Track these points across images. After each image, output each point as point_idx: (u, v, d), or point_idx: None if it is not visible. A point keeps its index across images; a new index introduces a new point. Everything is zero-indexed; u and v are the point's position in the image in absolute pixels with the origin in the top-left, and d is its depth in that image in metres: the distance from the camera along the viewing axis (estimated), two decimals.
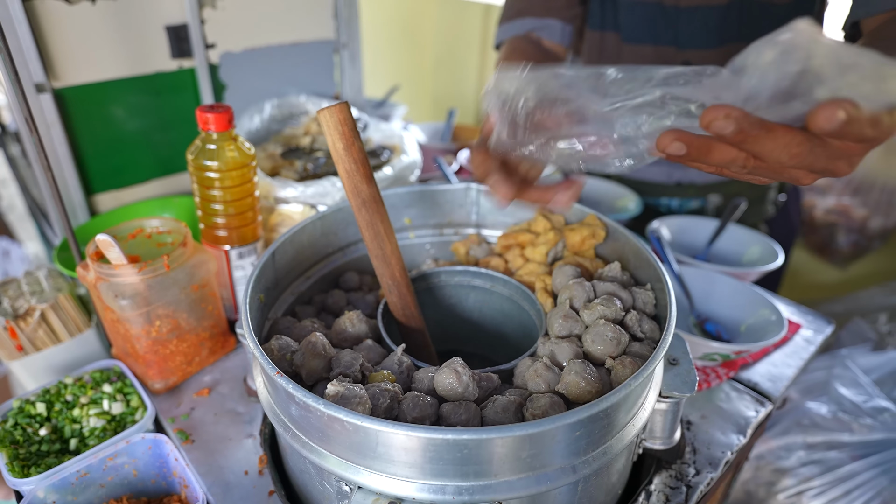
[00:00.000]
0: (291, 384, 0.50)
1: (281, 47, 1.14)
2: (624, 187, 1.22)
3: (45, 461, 0.69)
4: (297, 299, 0.77)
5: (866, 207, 1.50)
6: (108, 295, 0.71)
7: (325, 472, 0.55)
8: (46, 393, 0.75)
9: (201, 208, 0.80)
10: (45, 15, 0.87)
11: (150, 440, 0.68)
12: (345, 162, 0.62)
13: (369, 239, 0.66)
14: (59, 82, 0.91)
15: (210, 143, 0.76)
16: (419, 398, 0.55)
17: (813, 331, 0.96)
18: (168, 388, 0.80)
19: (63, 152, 0.94)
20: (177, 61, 1.02)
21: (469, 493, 0.49)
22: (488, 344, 0.84)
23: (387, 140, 1.12)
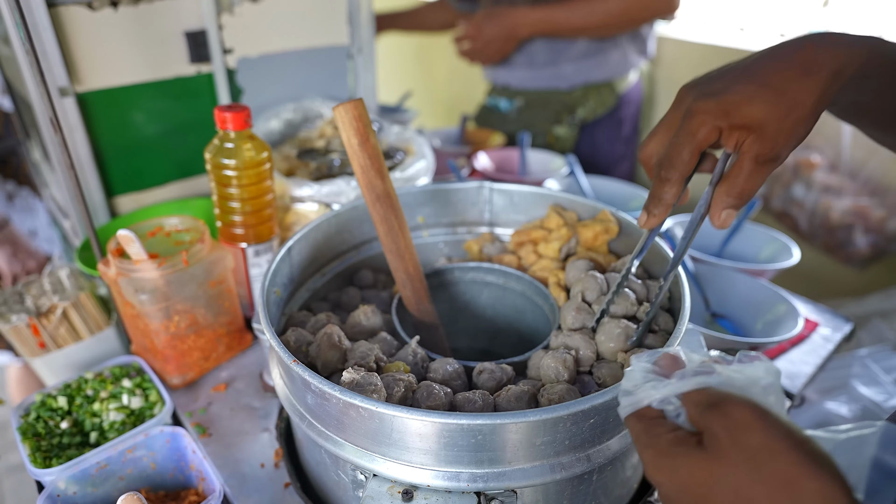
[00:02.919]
0: (308, 372, 0.50)
1: (296, 52, 1.16)
2: (637, 187, 1.22)
3: (66, 453, 0.70)
4: (312, 296, 0.78)
5: (884, 208, 1.48)
6: (128, 290, 0.72)
7: (340, 461, 0.55)
8: (67, 387, 0.77)
9: (219, 206, 0.82)
10: (69, 21, 0.89)
11: (168, 433, 0.69)
12: (359, 157, 0.63)
13: (383, 234, 0.67)
14: (81, 86, 0.94)
15: (227, 141, 0.77)
16: (433, 387, 0.55)
17: (831, 329, 0.95)
18: (186, 383, 0.81)
19: (85, 155, 0.96)
20: (195, 66, 1.04)
21: (484, 481, 0.49)
22: (502, 340, 0.84)
23: (400, 142, 1.13)
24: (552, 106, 1.59)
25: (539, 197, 0.83)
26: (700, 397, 0.39)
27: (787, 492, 0.33)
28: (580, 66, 1.54)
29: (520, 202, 0.84)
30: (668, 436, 0.40)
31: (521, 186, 0.83)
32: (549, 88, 1.59)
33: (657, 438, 0.40)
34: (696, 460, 0.37)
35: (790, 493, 0.33)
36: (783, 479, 0.33)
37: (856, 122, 0.62)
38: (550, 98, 1.60)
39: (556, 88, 1.59)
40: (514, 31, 1.49)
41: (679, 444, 0.39)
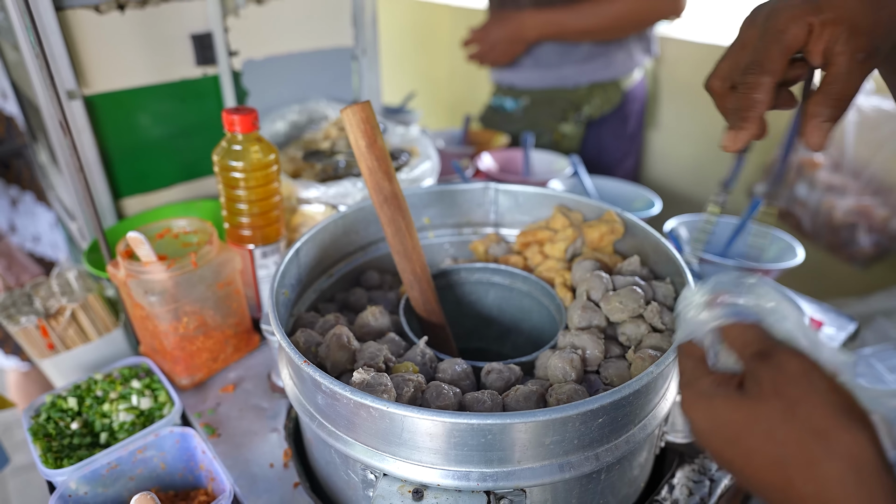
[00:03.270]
0: (319, 372, 0.51)
1: (301, 54, 1.16)
2: (641, 188, 1.23)
3: (76, 453, 0.71)
4: (319, 297, 0.78)
5: (888, 208, 1.48)
6: (137, 291, 0.73)
7: (350, 461, 0.56)
8: (77, 388, 0.77)
9: (227, 208, 0.82)
10: (76, 24, 0.90)
11: (178, 434, 0.70)
12: (367, 159, 0.63)
13: (391, 235, 0.67)
14: (89, 89, 0.94)
15: (235, 143, 0.78)
16: (442, 388, 0.56)
17: (835, 328, 0.95)
18: (194, 384, 0.82)
19: (92, 157, 0.97)
20: (201, 68, 1.04)
21: (493, 480, 0.49)
22: (508, 340, 0.84)
23: (405, 144, 1.13)
24: (558, 104, 1.60)
25: (544, 198, 0.83)
26: (753, 340, 0.40)
27: (818, 440, 0.34)
28: (586, 67, 1.55)
29: (525, 203, 0.85)
30: (709, 377, 0.41)
31: (527, 187, 0.84)
32: (555, 87, 1.60)
33: (698, 379, 0.42)
34: (734, 402, 0.38)
35: (821, 442, 0.34)
36: (817, 428, 0.34)
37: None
38: (556, 96, 1.60)
39: (562, 87, 1.59)
40: (521, 34, 1.50)
41: (719, 385, 0.40)
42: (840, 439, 0.34)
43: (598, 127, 1.63)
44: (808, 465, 0.35)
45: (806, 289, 1.10)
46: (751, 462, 0.38)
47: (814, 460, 0.34)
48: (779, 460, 0.36)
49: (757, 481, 0.38)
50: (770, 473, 0.36)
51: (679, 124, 1.95)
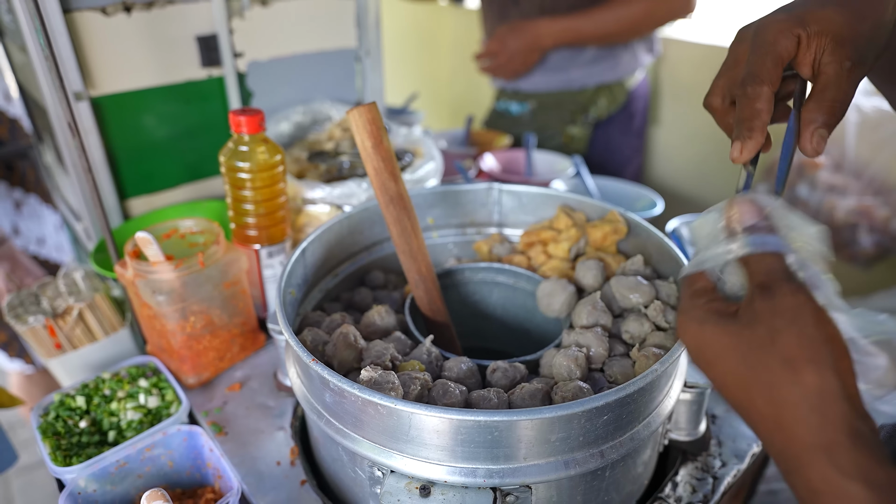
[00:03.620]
0: (326, 370, 0.52)
1: (305, 56, 1.17)
2: (644, 188, 1.23)
3: (85, 451, 0.72)
4: (324, 296, 0.79)
5: (889, 208, 1.49)
6: (145, 291, 0.73)
7: (357, 458, 0.56)
8: (85, 387, 0.78)
9: (233, 208, 0.83)
10: (83, 26, 0.90)
11: (185, 432, 0.71)
12: (373, 160, 0.64)
13: (396, 235, 0.68)
14: (95, 91, 0.95)
15: (242, 144, 0.79)
16: (448, 385, 0.56)
17: None
18: (201, 382, 0.83)
19: (99, 158, 0.97)
20: (206, 70, 1.05)
21: (499, 477, 0.50)
22: (512, 340, 0.85)
23: (408, 144, 1.14)
24: (566, 106, 1.60)
25: (548, 198, 0.84)
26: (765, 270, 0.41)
27: (785, 368, 0.36)
28: (593, 69, 1.55)
29: (528, 203, 0.85)
30: (706, 305, 0.43)
31: (530, 188, 0.84)
32: (562, 90, 1.60)
33: (695, 306, 0.44)
34: (722, 328, 0.41)
35: (787, 370, 0.36)
36: (788, 357, 0.37)
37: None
38: (563, 99, 1.60)
39: (568, 89, 1.60)
40: (538, 43, 1.49)
41: (713, 312, 0.42)
42: (807, 369, 0.36)
43: (605, 127, 1.63)
44: (770, 389, 0.37)
45: None
46: (725, 383, 0.41)
47: (776, 384, 0.37)
48: (747, 382, 0.38)
49: (728, 397, 0.41)
50: (738, 393, 0.39)
51: (681, 125, 1.95)
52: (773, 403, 0.37)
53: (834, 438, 0.34)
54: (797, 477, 0.36)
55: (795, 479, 0.36)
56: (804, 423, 0.35)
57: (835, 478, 0.34)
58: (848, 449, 0.34)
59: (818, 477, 0.34)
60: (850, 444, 0.34)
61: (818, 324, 0.37)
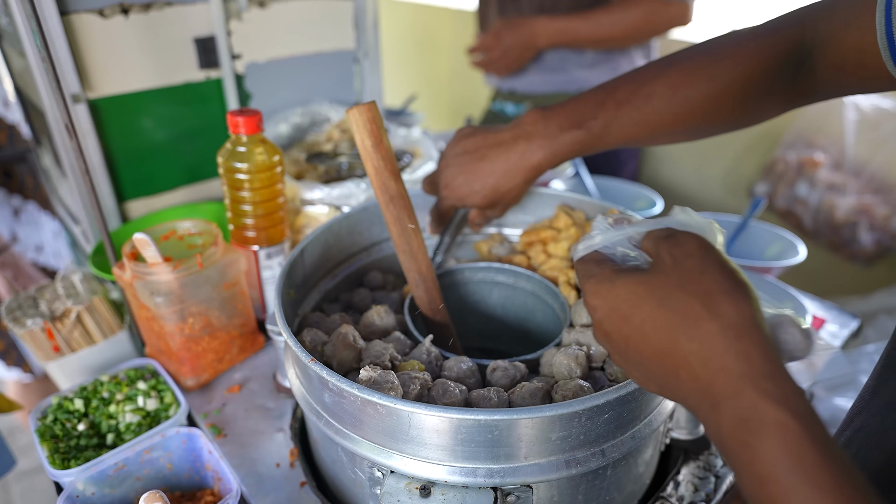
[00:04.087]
0: (326, 370, 0.51)
1: (303, 57, 1.17)
2: (643, 188, 1.23)
3: (83, 454, 0.71)
4: (323, 297, 0.79)
5: (888, 206, 1.49)
6: (143, 293, 0.73)
7: (357, 459, 0.56)
8: (84, 390, 0.78)
9: (231, 209, 0.83)
10: (80, 28, 0.90)
11: (184, 434, 0.70)
12: (373, 159, 0.64)
13: (396, 234, 0.67)
14: (93, 93, 0.95)
15: (240, 145, 0.79)
16: (448, 385, 0.56)
17: (838, 325, 0.96)
18: (200, 384, 0.82)
19: (97, 160, 0.97)
20: (204, 72, 1.05)
21: (500, 476, 0.50)
22: (512, 339, 0.85)
23: (407, 145, 1.14)
24: None
25: (547, 197, 0.83)
26: (659, 231, 0.43)
27: (704, 303, 0.38)
28: (591, 73, 1.54)
29: (528, 203, 0.85)
30: (611, 268, 0.45)
31: (529, 187, 0.84)
32: (557, 92, 1.59)
33: (601, 270, 0.45)
34: (635, 279, 0.42)
35: (707, 304, 0.38)
36: (705, 292, 0.38)
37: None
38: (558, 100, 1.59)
39: (564, 91, 1.58)
40: (533, 41, 1.47)
41: (621, 272, 0.44)
42: (724, 301, 0.37)
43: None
44: (694, 324, 0.38)
45: (808, 287, 1.11)
46: (645, 332, 0.40)
47: (699, 319, 0.37)
48: (668, 324, 0.39)
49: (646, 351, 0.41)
50: (660, 338, 0.39)
51: None
52: (697, 339, 0.37)
53: (760, 365, 0.35)
54: (725, 410, 0.36)
55: (722, 413, 0.36)
56: (731, 352, 0.36)
57: (763, 404, 0.34)
58: (774, 376, 0.35)
59: (747, 404, 0.34)
60: (774, 371, 0.35)
61: (724, 265, 0.39)
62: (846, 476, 0.31)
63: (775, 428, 0.33)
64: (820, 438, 0.32)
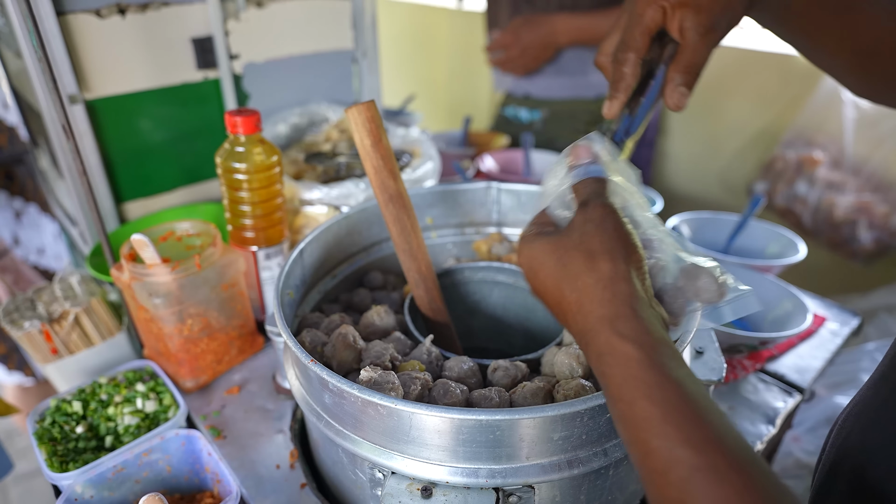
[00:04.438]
0: (326, 371, 0.51)
1: (301, 57, 1.17)
2: (643, 187, 1.23)
3: (82, 457, 0.71)
4: (323, 298, 0.78)
5: (888, 204, 1.49)
6: (142, 294, 0.73)
7: (358, 460, 0.55)
8: (82, 392, 0.77)
9: (230, 210, 0.83)
10: (77, 29, 0.90)
11: (183, 436, 0.70)
12: (372, 158, 0.63)
13: (396, 234, 0.67)
14: (90, 94, 0.94)
15: (238, 145, 0.78)
16: (449, 385, 0.56)
17: (839, 323, 0.95)
18: (199, 386, 0.82)
19: (94, 161, 0.97)
20: (202, 72, 1.05)
21: (502, 477, 0.49)
22: (513, 339, 0.84)
23: (406, 145, 1.14)
24: (579, 116, 1.53)
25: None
26: (584, 190, 0.50)
27: (586, 261, 0.45)
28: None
29: (527, 202, 0.85)
30: (538, 229, 0.51)
31: (529, 186, 0.84)
32: (575, 98, 1.53)
33: (530, 231, 0.52)
34: (546, 239, 0.49)
35: (588, 262, 0.45)
36: (590, 250, 0.45)
37: (793, 39, 0.66)
38: (576, 108, 1.54)
39: (582, 98, 1.53)
40: (553, 39, 1.42)
41: (542, 233, 0.50)
42: (602, 259, 0.44)
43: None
44: (576, 278, 0.45)
45: (808, 285, 1.10)
46: (546, 285, 0.48)
47: (580, 273, 0.45)
48: (560, 278, 0.46)
49: (549, 302, 0.48)
50: (554, 291, 0.47)
51: (679, 124, 1.95)
52: (576, 290, 0.45)
53: (618, 310, 0.42)
54: (590, 347, 0.43)
55: (589, 350, 0.43)
56: (597, 300, 0.43)
57: (614, 340, 0.41)
58: (627, 318, 0.42)
59: (603, 341, 0.42)
60: (629, 314, 0.42)
61: (617, 228, 0.46)
62: (678, 391, 0.38)
63: (622, 357, 0.40)
64: (659, 363, 0.39)
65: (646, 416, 0.38)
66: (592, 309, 0.43)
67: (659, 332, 0.42)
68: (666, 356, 0.40)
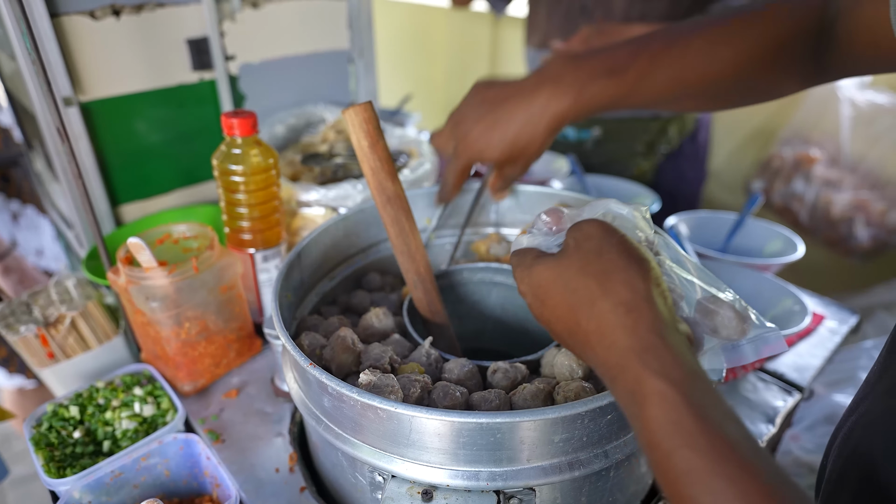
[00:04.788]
0: (325, 374, 0.51)
1: (298, 58, 1.16)
2: (640, 186, 1.23)
3: (79, 462, 0.70)
4: (321, 300, 0.78)
5: (885, 201, 1.49)
6: (139, 298, 0.72)
7: (358, 463, 0.55)
8: (79, 397, 0.77)
9: (227, 212, 0.82)
10: (71, 30, 0.89)
11: (181, 440, 0.69)
12: (370, 159, 0.63)
13: (394, 235, 0.67)
14: (85, 96, 0.94)
15: (235, 147, 0.78)
16: (449, 388, 0.55)
17: (837, 321, 0.96)
18: (197, 389, 0.81)
19: (90, 164, 0.96)
20: (198, 73, 1.04)
21: (503, 479, 0.49)
22: (512, 340, 0.84)
23: (403, 145, 1.13)
24: (638, 136, 1.41)
25: (545, 196, 0.83)
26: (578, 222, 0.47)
27: (599, 283, 0.41)
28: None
29: (526, 202, 0.85)
30: (532, 256, 0.49)
31: (527, 186, 0.83)
32: (633, 116, 1.41)
33: (524, 258, 0.49)
34: (546, 265, 0.46)
35: (602, 285, 0.41)
36: (600, 271, 0.42)
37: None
38: (634, 127, 1.41)
39: (639, 116, 1.40)
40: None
41: (538, 259, 0.48)
42: (617, 279, 0.41)
43: (674, 158, 1.44)
44: (591, 304, 0.41)
45: (805, 283, 1.10)
46: (555, 314, 0.45)
47: (595, 298, 0.41)
48: (572, 305, 0.43)
49: (561, 332, 0.45)
50: (568, 320, 0.43)
51: None
52: (593, 317, 0.41)
53: (645, 341, 0.38)
54: (618, 383, 0.39)
55: (617, 386, 0.39)
56: (620, 327, 0.39)
57: (645, 376, 0.37)
58: (656, 349, 0.37)
59: (632, 377, 0.38)
60: (658, 345, 0.38)
61: (623, 244, 0.43)
62: (721, 436, 0.34)
63: (656, 398, 0.36)
64: (697, 405, 0.35)
65: (689, 469, 0.34)
66: (616, 339, 0.39)
67: (690, 362, 0.38)
68: (702, 392, 0.36)
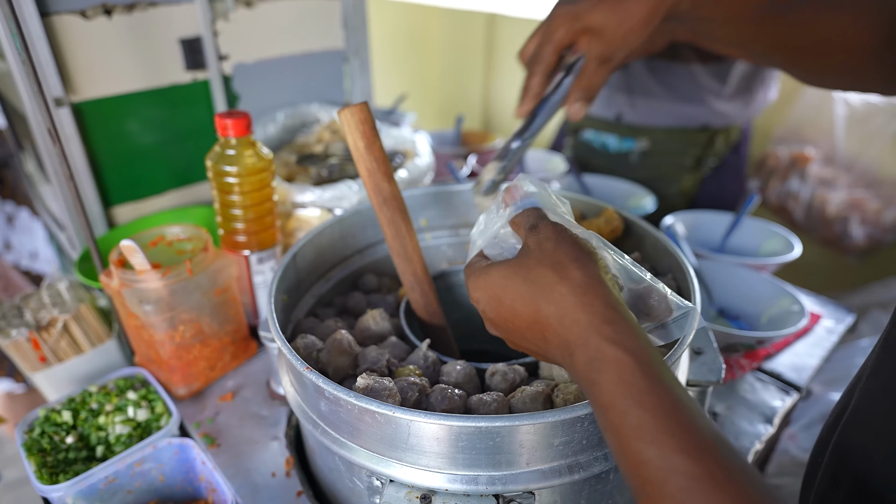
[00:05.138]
0: (322, 378, 0.50)
1: (292, 57, 1.15)
2: (636, 185, 1.23)
3: (72, 468, 0.69)
4: (317, 301, 0.77)
5: (880, 200, 1.50)
6: (132, 301, 0.71)
7: (355, 468, 0.55)
8: (72, 401, 0.76)
9: (221, 214, 0.81)
10: (62, 30, 0.88)
11: (176, 445, 0.69)
12: (366, 160, 0.62)
13: (391, 236, 0.66)
14: (76, 96, 0.93)
15: (229, 148, 0.77)
16: (447, 391, 0.55)
17: (834, 321, 0.96)
18: (192, 393, 0.80)
19: (81, 165, 0.95)
20: (191, 73, 1.03)
21: (502, 483, 0.49)
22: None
23: (399, 145, 1.13)
24: (689, 151, 1.31)
25: None
26: (527, 219, 0.50)
27: (556, 272, 0.45)
28: (728, 105, 1.25)
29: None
30: (486, 262, 0.52)
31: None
32: (682, 126, 1.29)
33: (477, 266, 0.52)
34: (504, 265, 0.49)
35: (558, 273, 0.44)
36: (557, 261, 0.45)
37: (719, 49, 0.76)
38: (682, 138, 1.30)
39: (687, 126, 1.29)
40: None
41: (493, 265, 0.50)
42: (572, 266, 0.44)
43: (717, 173, 1.35)
44: (550, 290, 0.44)
45: (801, 281, 1.10)
46: (515, 309, 0.47)
47: (553, 285, 0.44)
48: (532, 295, 0.45)
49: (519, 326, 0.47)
50: (528, 311, 0.46)
51: None
52: (553, 302, 0.44)
53: (602, 314, 0.41)
54: (576, 356, 0.42)
55: (574, 360, 0.42)
56: (579, 306, 0.43)
57: (604, 345, 0.40)
58: (613, 321, 0.41)
59: (593, 347, 0.41)
60: (614, 318, 0.41)
61: (576, 241, 0.47)
62: (670, 397, 0.37)
63: (612, 364, 0.39)
64: (649, 370, 0.39)
65: (639, 425, 0.37)
66: (577, 317, 0.42)
67: (643, 335, 0.41)
68: (655, 360, 0.39)
